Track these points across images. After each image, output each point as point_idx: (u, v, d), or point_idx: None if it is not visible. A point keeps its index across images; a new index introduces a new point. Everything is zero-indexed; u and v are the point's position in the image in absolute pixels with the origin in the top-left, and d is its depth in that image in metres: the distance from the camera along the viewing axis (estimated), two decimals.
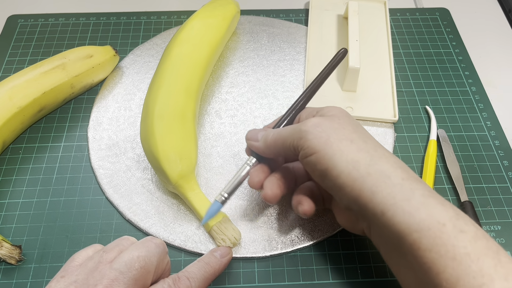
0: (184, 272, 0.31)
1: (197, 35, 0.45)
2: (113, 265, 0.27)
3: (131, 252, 0.28)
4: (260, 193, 0.40)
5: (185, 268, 0.31)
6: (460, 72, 0.51)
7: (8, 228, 0.38)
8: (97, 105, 0.47)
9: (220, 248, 0.35)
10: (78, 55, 0.46)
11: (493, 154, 0.44)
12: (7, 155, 0.43)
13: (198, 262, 0.32)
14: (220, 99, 0.47)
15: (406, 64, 0.51)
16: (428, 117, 0.47)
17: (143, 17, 0.56)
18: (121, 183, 0.41)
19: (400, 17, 0.56)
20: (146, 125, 0.39)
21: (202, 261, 0.32)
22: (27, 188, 0.41)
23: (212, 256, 0.33)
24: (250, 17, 0.56)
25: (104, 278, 0.26)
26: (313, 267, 0.36)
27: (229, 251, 0.34)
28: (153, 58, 0.51)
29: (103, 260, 0.27)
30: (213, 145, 0.44)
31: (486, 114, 0.47)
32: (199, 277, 0.31)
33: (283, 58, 0.51)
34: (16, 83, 0.42)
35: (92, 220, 0.39)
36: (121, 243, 0.29)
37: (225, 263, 0.34)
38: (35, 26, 0.54)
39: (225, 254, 0.34)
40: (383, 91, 0.47)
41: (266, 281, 0.36)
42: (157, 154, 0.37)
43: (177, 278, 0.29)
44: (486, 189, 0.41)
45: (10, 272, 0.36)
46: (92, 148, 0.43)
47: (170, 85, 0.40)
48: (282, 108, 0.46)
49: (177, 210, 0.39)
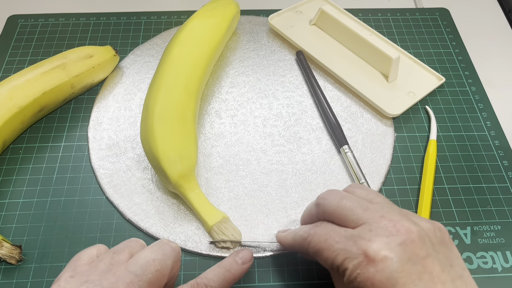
0: (203, 278, 0.29)
1: (197, 35, 0.45)
2: (128, 268, 0.26)
3: (147, 254, 0.27)
4: (260, 193, 0.40)
5: (204, 273, 0.30)
6: (460, 72, 0.51)
7: (8, 228, 0.38)
8: (97, 105, 0.47)
9: (242, 251, 0.33)
10: (78, 55, 0.46)
11: (493, 154, 0.44)
12: (7, 155, 0.43)
13: (219, 268, 0.30)
14: (220, 99, 0.47)
15: None
16: (428, 117, 0.47)
17: (143, 17, 0.56)
18: (121, 183, 0.41)
19: (400, 17, 0.56)
20: (146, 125, 0.39)
21: (223, 267, 0.31)
22: (27, 188, 0.41)
23: (234, 262, 0.31)
24: (250, 17, 0.56)
25: (120, 281, 0.25)
26: (313, 267, 0.36)
27: (251, 255, 0.33)
28: (153, 58, 0.51)
29: (115, 262, 0.27)
30: (213, 145, 0.44)
31: (486, 114, 0.47)
32: (218, 285, 0.29)
33: (283, 58, 0.51)
34: (16, 83, 0.42)
35: (92, 220, 0.39)
36: (130, 244, 0.29)
37: (245, 269, 0.32)
38: (35, 26, 0.54)
39: (247, 260, 0.32)
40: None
41: (266, 281, 0.36)
42: (157, 154, 0.37)
43: (196, 285, 0.28)
44: (486, 189, 0.41)
45: (10, 272, 0.36)
46: (92, 148, 0.43)
47: (170, 85, 0.40)
48: (282, 108, 0.47)
49: (177, 210, 0.39)
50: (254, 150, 0.43)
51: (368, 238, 0.26)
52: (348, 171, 0.42)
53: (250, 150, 0.43)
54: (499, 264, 0.37)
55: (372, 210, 0.28)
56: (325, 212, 0.29)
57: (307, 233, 0.29)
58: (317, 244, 0.28)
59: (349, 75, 0.48)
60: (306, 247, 0.29)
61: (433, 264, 0.25)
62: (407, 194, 0.41)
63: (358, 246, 0.26)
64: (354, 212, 0.28)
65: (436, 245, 0.26)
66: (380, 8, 0.58)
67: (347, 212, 0.28)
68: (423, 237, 0.26)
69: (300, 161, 0.43)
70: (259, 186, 0.41)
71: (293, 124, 0.45)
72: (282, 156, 0.43)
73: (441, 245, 0.27)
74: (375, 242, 0.25)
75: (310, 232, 0.29)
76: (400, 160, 0.43)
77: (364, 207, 0.28)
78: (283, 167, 0.42)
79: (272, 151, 0.43)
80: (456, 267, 0.26)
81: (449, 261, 0.26)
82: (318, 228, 0.29)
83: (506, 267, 0.37)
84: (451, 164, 0.43)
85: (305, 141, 0.44)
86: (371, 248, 0.25)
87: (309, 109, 0.47)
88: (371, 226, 0.26)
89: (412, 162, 0.43)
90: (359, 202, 0.28)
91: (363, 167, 0.42)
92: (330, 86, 0.49)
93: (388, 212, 0.27)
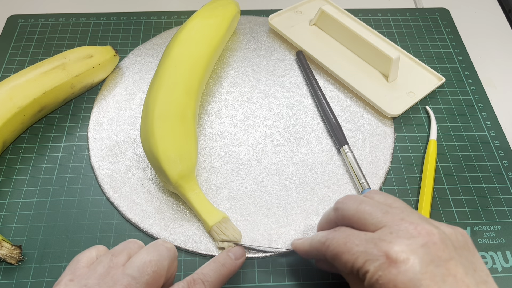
0: (199, 274, 0.30)
1: (197, 35, 0.45)
2: (125, 270, 0.26)
3: (143, 256, 0.27)
4: (260, 193, 0.40)
5: (200, 269, 0.30)
6: (460, 72, 0.51)
7: (8, 228, 0.38)
8: (97, 105, 0.47)
9: (233, 248, 0.34)
10: (78, 55, 0.46)
11: (493, 154, 0.44)
12: (7, 155, 0.43)
13: (214, 263, 0.31)
14: (220, 99, 0.47)
15: None
16: (428, 117, 0.47)
17: (143, 17, 0.56)
18: (121, 183, 0.41)
19: (400, 17, 0.56)
20: (146, 125, 0.39)
21: (218, 261, 0.31)
22: (27, 188, 0.41)
23: (227, 257, 0.32)
24: (250, 17, 0.56)
25: (117, 284, 0.25)
26: (313, 267, 0.36)
27: (243, 252, 0.34)
28: (153, 58, 0.51)
29: (113, 265, 0.27)
30: (213, 145, 0.44)
31: (486, 114, 0.47)
32: (214, 280, 0.30)
33: (283, 58, 0.51)
34: (16, 83, 0.42)
35: (92, 220, 0.39)
36: (129, 246, 0.29)
37: (239, 265, 0.33)
38: (35, 26, 0.54)
39: (240, 256, 0.33)
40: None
41: (266, 281, 0.36)
42: (157, 154, 0.37)
43: (192, 281, 0.29)
44: (486, 189, 0.41)
45: (10, 272, 0.36)
46: (92, 148, 0.43)
47: (170, 85, 0.40)
48: (282, 108, 0.47)
49: (177, 210, 0.39)
50: (254, 150, 0.43)
51: (389, 240, 0.25)
52: (348, 171, 0.42)
53: (250, 150, 0.43)
54: (499, 264, 0.37)
55: (392, 214, 0.27)
56: (344, 216, 0.29)
57: (325, 237, 0.29)
58: (336, 248, 0.28)
59: (349, 75, 0.48)
60: (325, 251, 0.29)
61: (457, 267, 0.25)
62: (407, 194, 0.41)
63: (379, 248, 0.25)
64: (373, 216, 0.27)
65: (459, 249, 0.26)
66: (380, 8, 0.58)
67: (366, 216, 0.28)
68: (445, 240, 0.26)
69: (300, 161, 0.43)
70: (259, 186, 0.41)
71: (293, 124, 0.45)
72: (282, 156, 0.43)
73: (464, 250, 0.26)
74: (396, 244, 0.25)
75: (329, 236, 0.29)
76: (400, 160, 0.43)
77: (383, 211, 0.28)
78: (283, 167, 0.42)
79: (272, 151, 0.43)
80: (480, 272, 0.25)
81: (473, 266, 0.26)
82: (337, 233, 0.29)
83: (506, 267, 0.37)
84: (451, 164, 0.43)
85: (305, 141, 0.44)
86: (393, 250, 0.25)
87: (309, 109, 0.47)
88: (392, 228, 0.26)
89: (412, 162, 0.43)
90: (379, 206, 0.28)
91: (363, 167, 0.42)
92: (330, 86, 0.49)
93: (408, 216, 0.27)
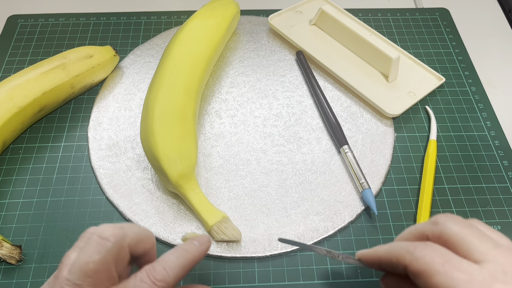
0: (160, 261, 0.28)
1: (197, 35, 0.45)
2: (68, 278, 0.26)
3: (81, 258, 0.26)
4: (260, 193, 0.40)
5: (162, 256, 0.29)
6: (460, 72, 0.51)
7: (8, 228, 0.38)
8: (97, 105, 0.47)
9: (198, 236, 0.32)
10: (78, 55, 0.46)
11: (493, 154, 0.44)
12: (7, 155, 0.43)
13: (176, 249, 0.30)
14: (220, 99, 0.47)
15: None
16: (428, 117, 0.47)
17: (143, 17, 0.56)
18: (121, 183, 0.41)
19: (400, 17, 0.56)
20: (146, 125, 0.39)
21: (181, 248, 0.30)
22: (27, 188, 0.41)
23: (191, 243, 0.31)
24: (250, 17, 0.56)
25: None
26: (313, 267, 0.36)
27: (207, 239, 0.32)
28: (153, 58, 0.51)
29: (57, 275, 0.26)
30: (213, 145, 0.44)
31: (486, 114, 0.47)
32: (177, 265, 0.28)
33: (283, 58, 0.51)
34: (16, 83, 0.42)
35: (92, 220, 0.39)
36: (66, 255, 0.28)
37: (204, 250, 0.31)
38: (35, 26, 0.54)
39: (204, 242, 0.31)
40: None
41: (266, 281, 0.36)
42: (157, 154, 0.37)
43: (152, 269, 0.28)
44: (486, 189, 0.41)
45: (10, 272, 0.36)
46: (92, 148, 0.43)
47: (170, 85, 0.40)
48: (282, 108, 0.47)
49: (177, 210, 0.39)
50: (254, 150, 0.43)
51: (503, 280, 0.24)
52: (348, 171, 0.42)
53: (250, 150, 0.43)
54: None
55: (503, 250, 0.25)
56: (443, 233, 0.27)
57: (415, 247, 0.27)
58: (428, 264, 0.26)
59: (349, 75, 0.48)
60: (409, 262, 0.27)
61: None
62: (407, 194, 0.41)
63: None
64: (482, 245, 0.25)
65: None
66: (380, 8, 0.58)
67: (474, 241, 0.26)
68: None
69: (300, 161, 0.43)
70: (259, 186, 0.41)
71: (293, 124, 0.45)
72: (282, 156, 0.43)
73: None
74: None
75: (420, 248, 0.26)
76: (400, 160, 0.43)
77: (494, 244, 0.26)
78: (283, 167, 0.42)
79: (272, 151, 0.43)
80: None
81: None
82: (431, 248, 0.26)
83: None
84: (451, 164, 0.43)
85: (305, 141, 0.44)
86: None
87: (309, 109, 0.47)
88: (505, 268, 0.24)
89: (412, 162, 0.43)
90: (487, 237, 0.26)
91: (363, 167, 0.42)
92: (330, 86, 0.49)
93: None
